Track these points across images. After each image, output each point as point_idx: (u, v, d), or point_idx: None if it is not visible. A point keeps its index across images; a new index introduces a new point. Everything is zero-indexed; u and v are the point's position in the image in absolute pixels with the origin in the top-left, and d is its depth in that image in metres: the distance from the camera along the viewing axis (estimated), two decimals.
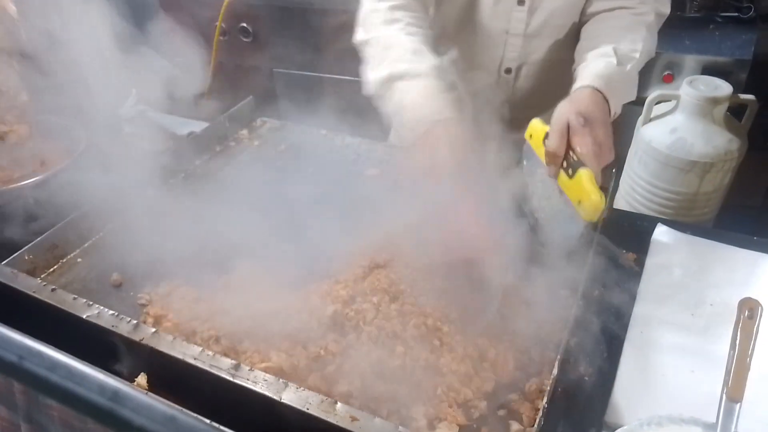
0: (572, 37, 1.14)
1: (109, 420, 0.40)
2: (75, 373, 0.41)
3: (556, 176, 0.87)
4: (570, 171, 0.84)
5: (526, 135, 0.95)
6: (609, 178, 1.01)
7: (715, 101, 1.17)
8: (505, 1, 1.10)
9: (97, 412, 0.40)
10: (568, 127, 0.85)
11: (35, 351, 0.44)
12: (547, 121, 0.90)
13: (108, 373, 0.42)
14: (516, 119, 1.24)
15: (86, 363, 0.43)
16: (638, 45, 1.00)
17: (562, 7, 1.11)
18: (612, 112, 0.93)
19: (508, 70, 1.18)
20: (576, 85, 0.94)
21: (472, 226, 0.82)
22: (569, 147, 0.85)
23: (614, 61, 0.96)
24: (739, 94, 1.20)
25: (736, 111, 1.23)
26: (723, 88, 1.19)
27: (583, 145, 0.83)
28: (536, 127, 0.92)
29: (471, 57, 1.18)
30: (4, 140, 1.08)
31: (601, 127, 0.86)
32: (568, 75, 1.15)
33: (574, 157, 0.84)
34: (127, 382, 0.42)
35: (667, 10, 1.10)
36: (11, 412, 0.63)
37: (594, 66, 0.96)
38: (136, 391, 0.40)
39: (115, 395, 0.40)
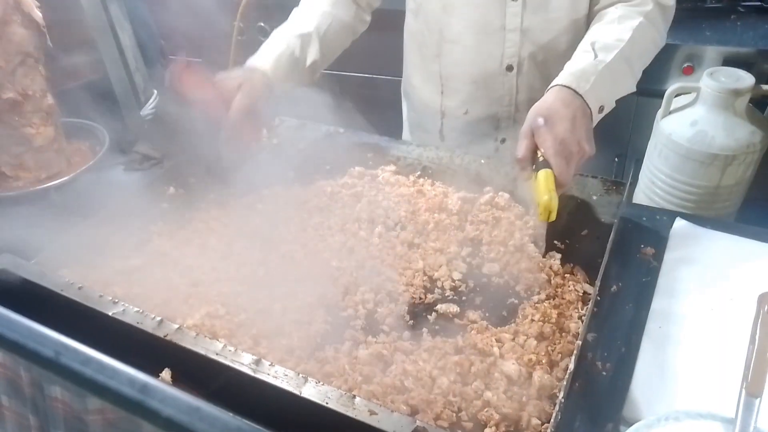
0: (574, 33, 1.14)
1: (139, 410, 0.42)
2: (107, 367, 0.44)
3: (528, 179, 0.90)
4: (536, 172, 0.86)
5: None
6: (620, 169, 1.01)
7: (736, 93, 1.15)
8: None
9: (128, 403, 0.42)
10: (532, 130, 0.88)
11: (70, 347, 0.46)
12: None
13: (136, 369, 0.44)
14: (523, 116, 1.25)
15: (116, 359, 0.45)
16: (625, 34, 1.00)
17: (556, 0, 1.11)
18: (595, 107, 0.93)
19: (510, 67, 1.19)
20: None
21: None
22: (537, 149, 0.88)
23: (591, 55, 0.97)
24: (762, 85, 1.18)
25: (758, 103, 1.21)
26: (745, 79, 1.17)
27: (543, 144, 0.86)
28: None
29: (473, 56, 1.20)
30: (31, 142, 1.11)
31: (564, 123, 0.87)
32: None
33: (540, 158, 0.86)
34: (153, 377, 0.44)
35: (669, 1, 1.08)
36: (21, 405, 0.66)
37: (569, 64, 0.97)
38: (163, 384, 0.42)
39: (144, 388, 0.42)
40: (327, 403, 0.63)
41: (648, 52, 1.05)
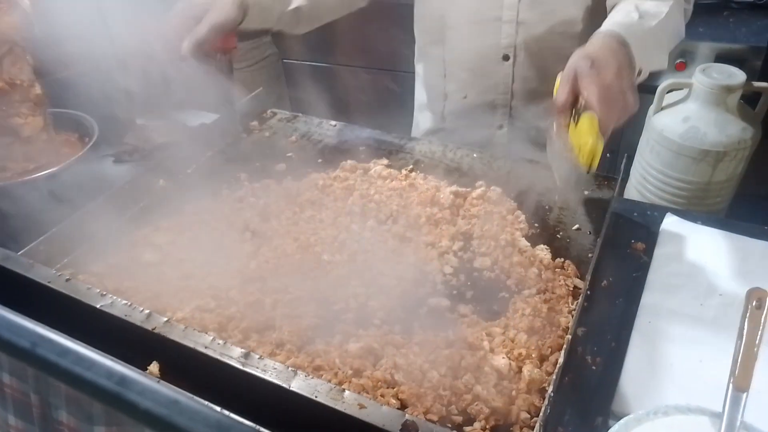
0: (572, 25, 1.16)
1: (117, 403, 0.41)
2: (84, 359, 0.43)
3: (567, 126, 0.84)
4: (576, 118, 0.81)
5: (555, 91, 0.90)
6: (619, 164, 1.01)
7: (728, 89, 1.15)
8: None
9: (105, 395, 0.42)
10: (576, 74, 0.82)
11: (46, 338, 0.45)
12: None
13: (115, 359, 0.43)
14: (520, 106, 1.26)
15: (95, 349, 0.44)
16: (664, 8, 0.96)
17: None
18: (636, 64, 0.88)
19: (506, 57, 1.20)
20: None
21: None
22: (579, 94, 0.82)
23: (636, 15, 0.92)
24: (754, 82, 1.18)
25: (750, 99, 1.21)
26: (737, 75, 1.17)
27: (587, 88, 0.80)
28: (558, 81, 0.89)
29: (470, 44, 1.22)
30: (19, 133, 1.09)
31: (611, 69, 0.82)
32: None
33: (582, 103, 0.81)
34: (134, 368, 0.44)
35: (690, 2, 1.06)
36: (22, 383, 0.65)
37: (612, 17, 0.93)
38: (142, 376, 0.42)
39: (122, 380, 0.41)
40: (316, 397, 0.63)
41: (677, 36, 1.02)
